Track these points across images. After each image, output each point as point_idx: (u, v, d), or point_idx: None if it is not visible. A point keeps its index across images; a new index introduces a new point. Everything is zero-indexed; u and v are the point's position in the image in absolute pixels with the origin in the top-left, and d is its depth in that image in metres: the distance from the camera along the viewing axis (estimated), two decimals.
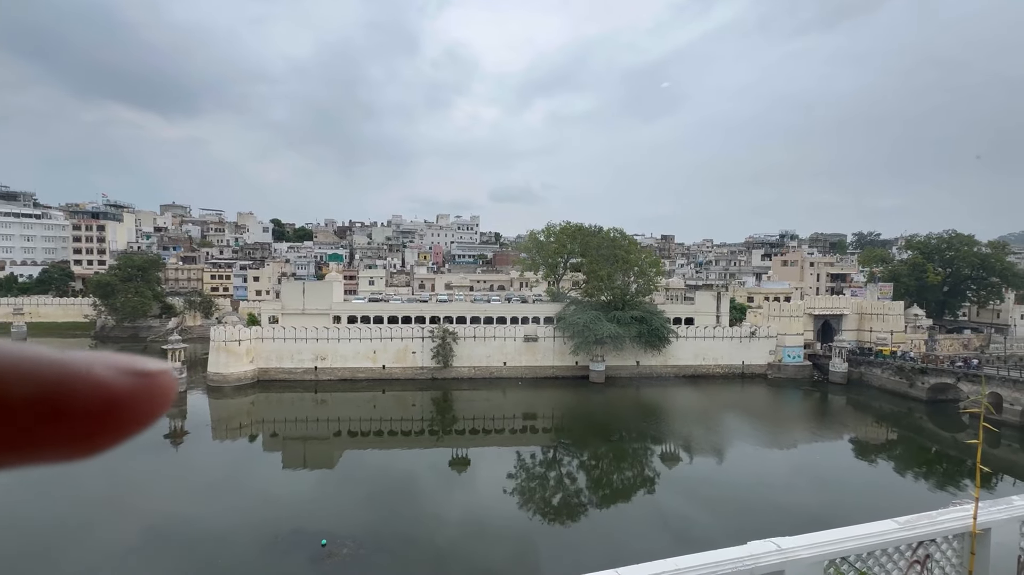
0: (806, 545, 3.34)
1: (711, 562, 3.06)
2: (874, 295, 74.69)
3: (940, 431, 44.21)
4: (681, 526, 26.55)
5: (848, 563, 3.46)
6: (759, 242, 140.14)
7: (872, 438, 43.90)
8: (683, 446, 39.32)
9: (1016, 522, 3.98)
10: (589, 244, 63.86)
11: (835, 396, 54.46)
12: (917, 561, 3.65)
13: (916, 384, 51.63)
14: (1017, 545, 3.97)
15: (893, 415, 48.50)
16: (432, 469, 34.24)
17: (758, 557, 3.16)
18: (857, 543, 3.45)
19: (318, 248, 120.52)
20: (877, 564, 3.57)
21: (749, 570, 3.13)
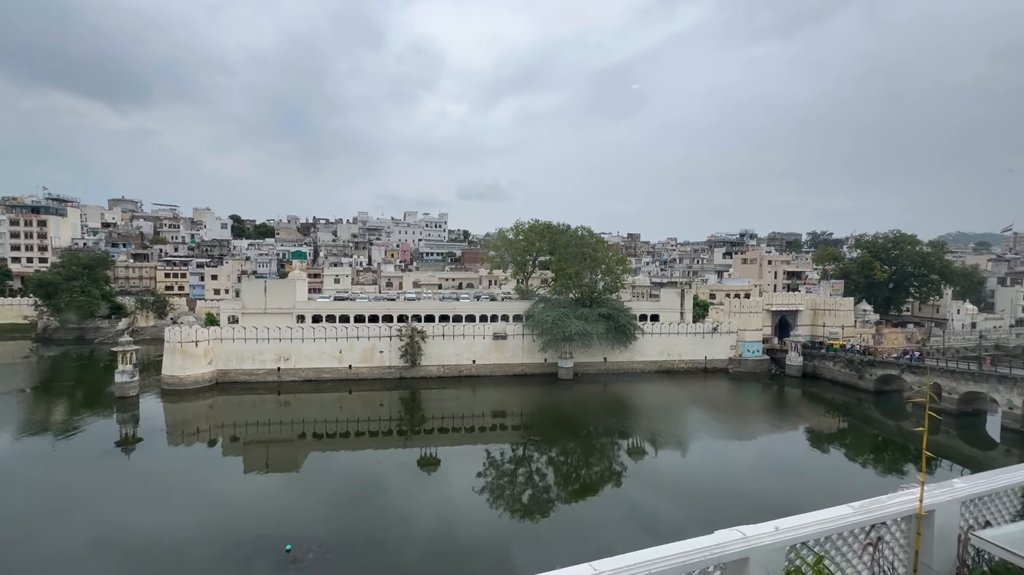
0: (769, 532, 3.47)
1: (681, 552, 3.14)
2: (827, 292, 78.36)
3: (886, 420, 46.84)
4: (650, 518, 27.17)
5: (808, 547, 3.62)
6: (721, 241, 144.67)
7: (825, 428, 46.09)
8: (649, 440, 40.22)
9: (957, 503, 4.27)
10: (557, 242, 64.40)
11: (791, 388, 56.87)
12: (870, 543, 3.86)
13: (865, 376, 54.49)
14: (957, 525, 4.25)
15: (844, 405, 51.06)
16: (401, 469, 33.82)
17: (725, 545, 3.27)
18: (816, 528, 3.61)
19: (281, 245, 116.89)
20: (834, 547, 3.74)
21: (717, 558, 3.22)
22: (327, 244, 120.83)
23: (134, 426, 40.89)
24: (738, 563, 3.34)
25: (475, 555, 23.60)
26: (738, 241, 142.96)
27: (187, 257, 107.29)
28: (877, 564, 3.90)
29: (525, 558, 23.15)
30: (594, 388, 54.66)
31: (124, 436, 38.86)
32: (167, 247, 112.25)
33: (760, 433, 43.71)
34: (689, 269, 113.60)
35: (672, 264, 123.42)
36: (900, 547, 4.02)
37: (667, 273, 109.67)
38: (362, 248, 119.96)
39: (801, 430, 45.18)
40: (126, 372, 46.87)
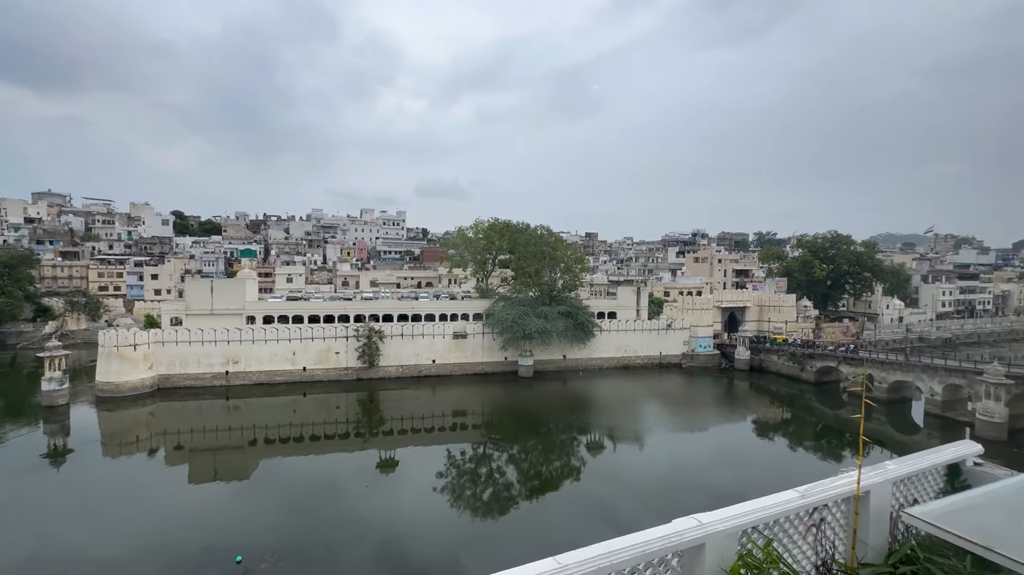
0: (723, 519, 3.62)
1: (641, 542, 3.22)
2: (772, 289, 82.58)
3: (825, 409, 49.89)
4: (611, 511, 27.77)
5: (758, 531, 3.80)
6: (674, 240, 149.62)
7: (771, 418, 48.59)
8: (608, 435, 41.12)
9: (888, 484, 4.60)
10: (517, 241, 64.70)
11: (740, 381, 59.59)
12: (814, 524, 4.10)
13: (806, 368, 57.82)
14: (889, 504, 4.58)
15: (788, 396, 54.00)
16: (358, 472, 33.06)
17: (682, 533, 3.39)
18: (765, 513, 3.80)
19: (228, 243, 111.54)
20: (781, 530, 3.96)
21: (675, 546, 3.34)
22: (279, 242, 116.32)
23: (64, 437, 38.01)
24: (695, 550, 3.47)
25: (436, 556, 23.41)
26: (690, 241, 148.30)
27: (124, 255, 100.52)
28: (820, 543, 4.15)
29: (488, 556, 23.17)
30: (554, 385, 55.31)
31: (53, 448, 36.03)
32: (101, 244, 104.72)
33: (712, 425, 45.56)
34: (645, 268, 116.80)
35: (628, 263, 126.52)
36: (840, 527, 4.29)
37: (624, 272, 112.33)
38: (316, 246, 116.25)
39: (749, 421, 47.41)
40: (54, 379, 43.44)
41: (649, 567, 3.30)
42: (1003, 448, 35.49)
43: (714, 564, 3.51)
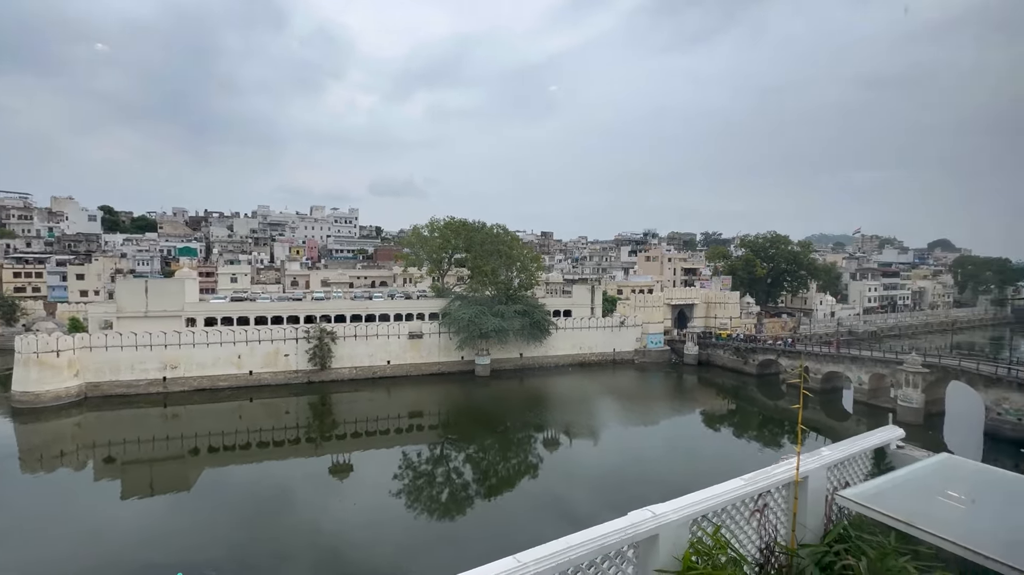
0: (675, 509, 3.76)
1: (598, 535, 3.30)
2: (717, 287, 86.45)
3: (766, 399, 52.80)
4: (568, 506, 28.20)
5: (707, 519, 3.98)
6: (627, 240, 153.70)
7: (718, 409, 50.90)
8: (564, 431, 41.75)
9: (824, 469, 4.93)
10: (473, 240, 64.48)
11: (688, 375, 62.05)
12: (758, 510, 4.34)
13: (749, 361, 60.93)
14: (825, 487, 4.91)
15: (733, 388, 56.74)
16: (310, 478, 31.97)
17: (637, 525, 3.49)
18: (714, 501, 3.98)
19: (165, 241, 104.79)
20: (729, 517, 4.16)
21: (631, 538, 3.43)
22: (222, 240, 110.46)
23: None
24: (649, 540, 3.58)
25: (393, 559, 23.00)
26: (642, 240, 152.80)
27: (44, 254, 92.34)
28: (763, 527, 4.39)
29: (447, 557, 22.98)
30: (511, 384, 55.57)
31: None
32: (16, 242, 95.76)
33: (663, 418, 47.20)
34: (599, 266, 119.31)
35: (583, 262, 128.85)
36: (782, 511, 4.56)
37: (578, 270, 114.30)
38: (263, 244, 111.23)
39: (698, 413, 49.47)
40: None
41: (606, 560, 3.38)
42: (920, 431, 38.79)
43: (667, 553, 3.64)
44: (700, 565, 3.65)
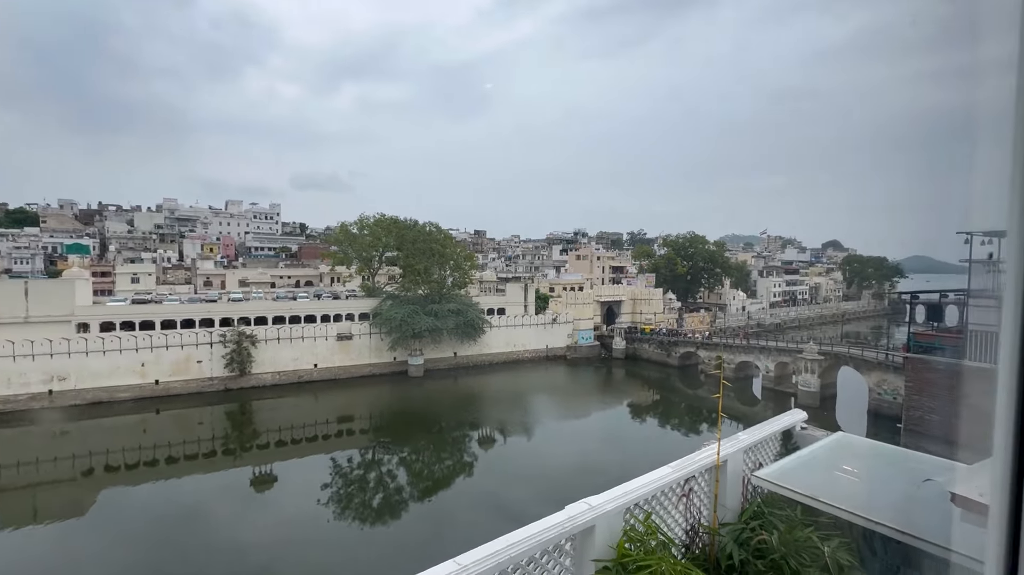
0: (609, 499, 3.90)
1: (538, 531, 3.34)
2: (643, 284, 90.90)
3: (687, 389, 56.34)
4: (506, 503, 28.33)
5: (639, 507, 4.16)
6: (558, 239, 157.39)
7: (645, 400, 53.58)
8: (499, 429, 42.03)
9: (740, 452, 5.33)
10: (405, 238, 63.07)
11: (617, 369, 64.77)
12: (684, 494, 4.61)
13: (671, 354, 64.68)
14: (742, 469, 5.32)
15: (657, 380, 59.96)
16: (227, 493, 29.77)
17: (575, 518, 3.58)
18: (645, 490, 4.17)
19: (50, 237, 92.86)
20: (659, 503, 4.38)
21: (568, 531, 3.51)
22: (120, 236, 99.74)
23: None
24: (586, 532, 3.68)
25: (326, 571, 21.99)
26: (572, 239, 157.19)
27: None
28: (689, 510, 4.67)
29: (384, 565, 22.34)
30: (445, 383, 55.05)
31: None
32: None
33: (595, 411, 48.92)
34: (531, 265, 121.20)
35: (516, 260, 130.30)
36: (705, 494, 4.87)
37: (512, 269, 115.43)
38: (170, 241, 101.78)
39: (626, 405, 51.78)
40: None
41: (545, 554, 3.43)
42: (817, 413, 43.16)
43: (603, 543, 3.76)
44: (633, 551, 3.81)
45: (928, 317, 39.80)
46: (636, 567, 3.62)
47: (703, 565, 4.35)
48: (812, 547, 4.15)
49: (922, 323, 38.94)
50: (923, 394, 34.06)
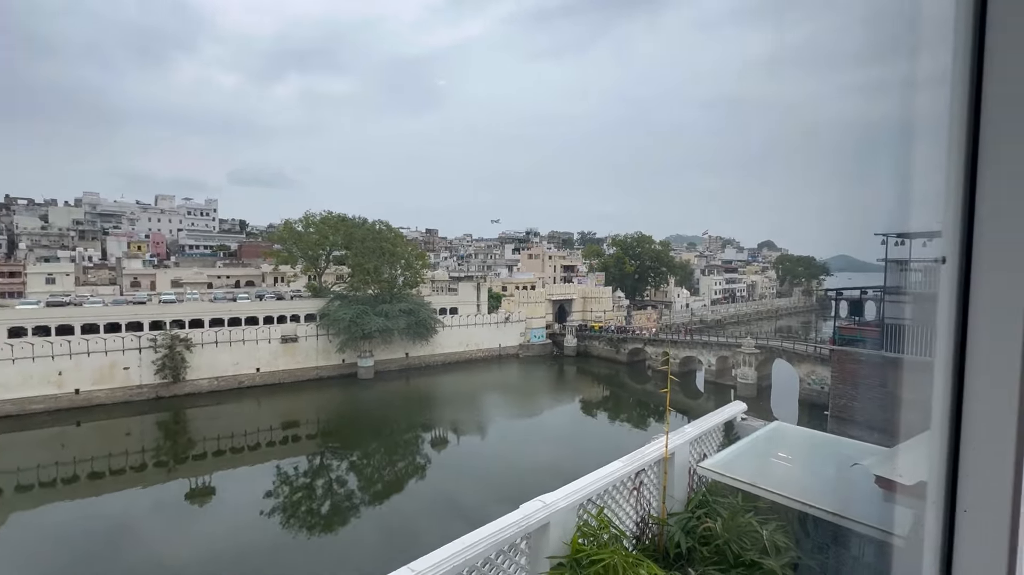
0: (563, 496, 3.95)
1: (493, 531, 3.33)
2: (593, 282, 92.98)
3: (635, 384, 58.18)
4: (461, 505, 28.09)
5: (592, 502, 4.25)
6: (510, 238, 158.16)
7: (596, 396, 54.85)
8: (452, 429, 41.70)
9: (687, 444, 5.56)
10: (354, 236, 61.28)
11: (568, 366, 65.91)
12: (635, 487, 4.75)
13: (621, 350, 66.55)
14: (688, 460, 5.55)
15: (607, 377, 61.52)
16: (159, 508, 27.84)
17: (529, 516, 3.60)
18: (598, 485, 4.27)
19: None
20: (611, 498, 4.49)
21: (523, 530, 3.53)
22: (32, 232, 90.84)
23: None
24: (541, 530, 3.71)
25: None
26: (524, 238, 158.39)
27: None
28: (639, 503, 4.81)
29: None
30: (396, 385, 54.00)
31: None
32: None
33: (547, 408, 49.54)
34: (484, 264, 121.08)
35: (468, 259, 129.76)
36: (654, 485, 5.04)
37: (464, 268, 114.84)
38: (92, 239, 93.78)
39: (577, 401, 52.80)
40: None
41: (500, 554, 3.43)
42: (755, 404, 45.81)
43: (557, 539, 3.81)
44: (587, 546, 3.88)
45: (850, 312, 43.09)
46: (589, 561, 3.69)
47: (653, 555, 4.50)
48: (752, 531, 4.39)
49: (845, 318, 42.10)
50: (847, 383, 36.87)
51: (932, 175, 1.19)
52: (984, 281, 1.04)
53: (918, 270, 3.17)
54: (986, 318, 1.03)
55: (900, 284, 15.58)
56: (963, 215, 1.05)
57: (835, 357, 38.63)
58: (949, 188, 1.07)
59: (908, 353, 1.86)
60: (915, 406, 1.58)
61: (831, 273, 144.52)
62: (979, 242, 1.04)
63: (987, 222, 1.03)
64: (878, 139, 2.06)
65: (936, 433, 1.11)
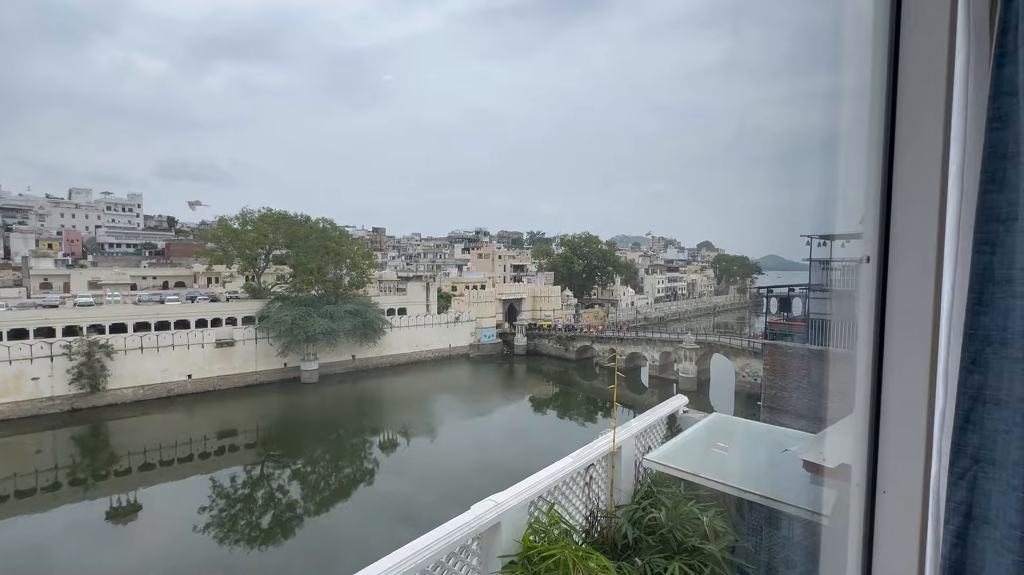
0: (514, 494, 3.97)
1: (443, 535, 3.29)
2: (542, 282, 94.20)
3: (584, 381, 59.49)
4: (411, 509, 27.50)
5: (543, 499, 4.29)
6: (460, 237, 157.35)
7: (546, 394, 55.56)
8: (401, 432, 40.93)
9: (633, 438, 5.74)
10: (296, 234, 58.72)
11: (519, 365, 66.42)
12: (585, 482, 4.84)
13: (569, 348, 67.84)
14: (634, 454, 5.73)
15: (557, 374, 62.52)
16: (75, 530, 25.52)
17: (481, 517, 3.58)
18: (548, 482, 4.31)
19: None
20: (561, 494, 4.55)
21: (475, 531, 3.51)
22: None
23: None
24: (492, 530, 3.70)
25: None
26: (474, 238, 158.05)
27: None
28: (588, 498, 4.92)
29: None
30: (342, 388, 52.33)
31: None
32: None
33: (498, 407, 49.66)
34: (433, 263, 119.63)
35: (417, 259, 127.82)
36: (603, 479, 5.17)
37: (413, 267, 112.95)
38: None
39: (528, 399, 53.29)
40: None
41: (452, 557, 3.39)
42: (696, 396, 48.00)
43: (508, 538, 3.82)
44: (537, 543, 3.91)
45: (780, 308, 46.13)
46: (540, 558, 3.72)
47: (602, 547, 4.61)
48: (694, 519, 4.59)
49: (775, 313, 45.00)
50: (777, 375, 39.46)
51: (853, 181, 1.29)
52: (900, 279, 1.14)
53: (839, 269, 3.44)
54: (902, 312, 1.13)
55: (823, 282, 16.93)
56: (881, 218, 1.15)
57: (767, 350, 41.26)
58: (869, 194, 1.17)
59: (831, 345, 2.02)
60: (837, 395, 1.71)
61: (763, 272, 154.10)
62: (895, 243, 1.14)
63: (902, 224, 1.13)
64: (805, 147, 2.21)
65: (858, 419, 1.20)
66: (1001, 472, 0.92)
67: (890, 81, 1.13)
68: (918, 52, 1.10)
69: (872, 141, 1.17)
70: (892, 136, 1.14)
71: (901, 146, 1.13)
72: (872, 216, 1.16)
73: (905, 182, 1.12)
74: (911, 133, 1.12)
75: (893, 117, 1.14)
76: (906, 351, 1.13)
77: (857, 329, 1.20)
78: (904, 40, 1.11)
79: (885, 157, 1.14)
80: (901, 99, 1.12)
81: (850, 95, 1.51)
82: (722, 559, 4.32)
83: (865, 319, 1.18)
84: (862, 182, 1.20)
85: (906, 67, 1.12)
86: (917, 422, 1.10)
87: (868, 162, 1.17)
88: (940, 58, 1.07)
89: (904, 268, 1.13)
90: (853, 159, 1.32)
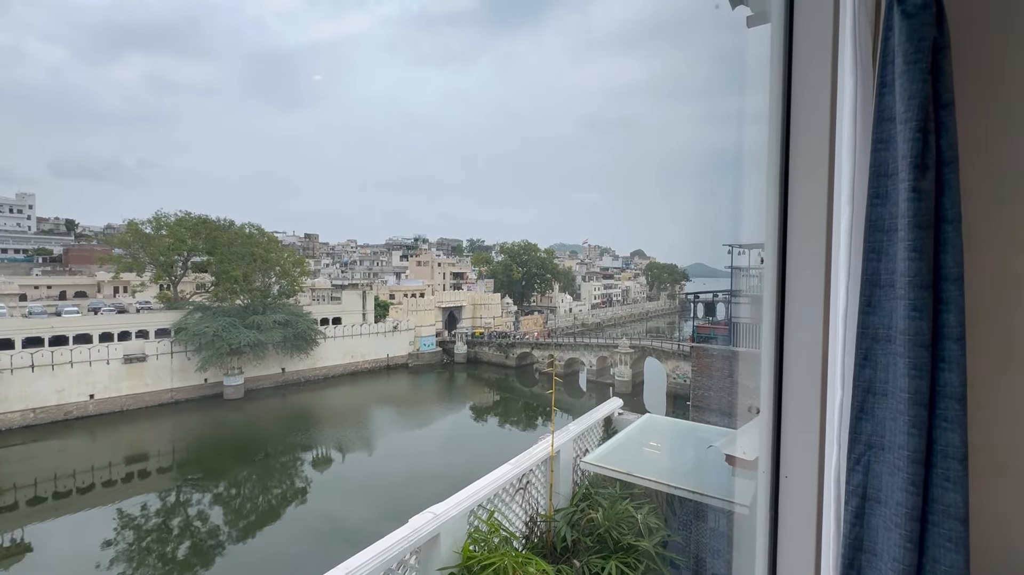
0: (453, 505, 3.93)
1: (380, 551, 3.19)
2: (482, 289, 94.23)
3: (523, 387, 60.00)
4: (347, 527, 26.31)
5: (483, 507, 4.28)
6: (398, 244, 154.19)
7: (486, 402, 55.41)
8: (336, 447, 39.20)
9: (571, 442, 5.87)
10: (218, 240, 54.92)
11: (459, 373, 65.83)
12: (522, 488, 4.88)
13: (509, 355, 68.19)
14: (572, 457, 5.86)
15: (497, 381, 62.58)
16: None
17: (419, 530, 3.51)
18: (487, 490, 4.31)
19: None
20: (500, 501, 4.56)
21: (413, 545, 3.43)
22: None
23: None
24: (431, 542, 3.64)
25: None
26: (413, 245, 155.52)
27: None
28: (527, 503, 4.96)
29: None
30: (271, 403, 49.34)
31: None
32: None
33: (438, 417, 48.87)
34: (370, 271, 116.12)
35: (353, 266, 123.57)
36: (541, 484, 5.23)
37: (348, 275, 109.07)
38: None
39: (468, 407, 52.89)
40: None
41: (388, 573, 3.30)
42: (630, 398, 49.78)
43: (448, 549, 3.77)
44: (477, 552, 3.89)
45: (705, 313, 49.05)
46: (480, 567, 3.70)
47: (542, 551, 4.66)
48: (629, 517, 4.76)
49: (702, 318, 47.79)
50: (703, 376, 41.80)
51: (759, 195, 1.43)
52: (797, 286, 1.27)
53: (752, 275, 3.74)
54: (797, 315, 1.26)
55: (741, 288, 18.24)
56: (779, 230, 1.27)
57: (694, 353, 43.66)
58: (768, 207, 1.30)
59: (747, 346, 2.23)
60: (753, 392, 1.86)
61: (690, 279, 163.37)
62: (791, 253, 1.27)
63: (795, 234, 1.26)
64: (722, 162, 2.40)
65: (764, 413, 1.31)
66: (889, 456, 1.03)
67: (785, 107, 1.27)
68: (807, 81, 1.25)
69: (771, 159, 1.30)
70: (787, 156, 1.28)
71: (795, 165, 1.27)
72: (772, 228, 1.29)
73: (798, 198, 1.26)
74: (802, 154, 1.27)
75: (787, 139, 1.27)
76: (801, 349, 1.26)
77: (762, 331, 1.32)
78: (795, 70, 1.25)
79: (782, 174, 1.28)
80: (794, 123, 1.27)
81: (756, 118, 1.66)
82: (655, 554, 4.51)
83: (768, 321, 1.30)
84: (764, 195, 1.33)
85: (797, 95, 1.27)
86: (812, 413, 1.23)
87: (768, 179, 1.31)
88: (824, 88, 1.22)
89: (798, 274, 1.27)
90: (759, 175, 1.46)
